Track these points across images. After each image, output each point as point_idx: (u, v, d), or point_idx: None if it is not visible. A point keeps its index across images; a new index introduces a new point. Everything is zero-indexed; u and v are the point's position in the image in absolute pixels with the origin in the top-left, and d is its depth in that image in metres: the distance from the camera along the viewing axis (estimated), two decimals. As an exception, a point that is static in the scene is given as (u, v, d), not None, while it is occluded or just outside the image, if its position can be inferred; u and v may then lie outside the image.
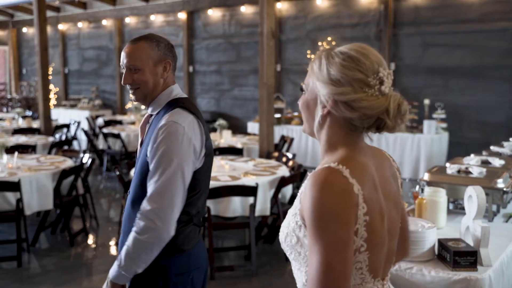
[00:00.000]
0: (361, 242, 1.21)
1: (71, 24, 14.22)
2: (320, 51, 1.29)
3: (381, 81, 1.22)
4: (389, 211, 1.31)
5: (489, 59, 8.14)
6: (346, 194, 1.17)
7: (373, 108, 1.20)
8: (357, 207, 1.18)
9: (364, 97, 1.20)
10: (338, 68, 1.21)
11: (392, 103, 1.21)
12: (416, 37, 8.78)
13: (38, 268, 4.65)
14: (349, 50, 1.24)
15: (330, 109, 1.24)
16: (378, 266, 1.27)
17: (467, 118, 8.41)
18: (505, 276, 2.37)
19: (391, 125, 1.22)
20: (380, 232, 1.25)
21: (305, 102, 1.32)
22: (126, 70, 1.94)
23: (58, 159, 5.69)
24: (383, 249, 1.28)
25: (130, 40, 1.98)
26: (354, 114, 1.21)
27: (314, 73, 1.27)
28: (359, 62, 1.21)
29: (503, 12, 7.99)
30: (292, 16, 10.24)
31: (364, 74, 1.20)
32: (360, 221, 1.19)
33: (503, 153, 4.17)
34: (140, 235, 1.79)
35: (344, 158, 1.23)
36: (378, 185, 1.27)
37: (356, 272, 1.24)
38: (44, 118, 8.54)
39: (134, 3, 12.28)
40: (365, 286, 1.26)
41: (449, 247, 2.23)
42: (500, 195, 2.87)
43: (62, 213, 5.27)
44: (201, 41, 11.62)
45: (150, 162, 1.84)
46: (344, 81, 1.20)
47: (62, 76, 14.60)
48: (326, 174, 1.19)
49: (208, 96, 11.64)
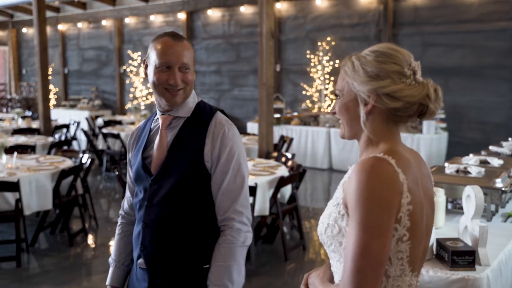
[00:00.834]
0: (404, 231, 1.23)
1: (70, 25, 14.23)
2: (347, 57, 1.35)
3: (414, 71, 1.30)
4: (427, 209, 1.33)
5: (489, 59, 8.14)
6: (392, 181, 1.21)
7: (414, 96, 1.26)
8: (401, 195, 1.21)
9: (404, 87, 1.26)
10: (374, 64, 1.28)
11: (431, 88, 1.29)
12: (416, 37, 8.78)
13: (38, 268, 4.65)
14: (379, 48, 1.31)
15: (375, 104, 1.29)
16: (417, 259, 1.29)
17: (466, 118, 8.41)
18: (503, 275, 2.37)
19: (433, 108, 1.30)
20: (421, 224, 1.27)
21: (343, 105, 1.36)
22: (173, 68, 1.77)
23: (58, 159, 5.69)
24: (422, 243, 1.30)
25: (171, 36, 1.81)
26: (398, 104, 1.27)
27: (349, 76, 1.32)
28: (392, 56, 1.29)
29: (502, 12, 7.99)
30: (292, 16, 10.24)
31: (399, 66, 1.28)
32: (403, 210, 1.22)
33: (502, 153, 4.17)
34: (244, 243, 1.80)
35: (389, 150, 1.28)
36: (419, 180, 1.30)
37: (398, 262, 1.25)
38: (43, 118, 8.54)
39: (134, 3, 12.28)
40: (404, 278, 1.28)
41: (447, 246, 2.23)
42: (498, 195, 2.86)
43: (62, 213, 5.27)
44: (200, 41, 11.62)
45: (216, 167, 1.80)
46: (383, 74, 1.27)
47: (62, 76, 14.61)
48: (373, 161, 1.23)
49: (208, 96, 11.64)
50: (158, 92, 1.82)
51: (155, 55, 1.78)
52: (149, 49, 1.84)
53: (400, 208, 1.21)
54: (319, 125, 9.01)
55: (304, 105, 9.93)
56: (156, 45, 1.80)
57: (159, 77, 1.78)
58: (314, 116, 9.15)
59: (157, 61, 1.78)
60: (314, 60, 9.84)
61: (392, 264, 1.25)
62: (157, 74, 1.78)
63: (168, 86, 1.78)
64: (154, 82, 1.79)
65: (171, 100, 1.81)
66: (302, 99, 10.19)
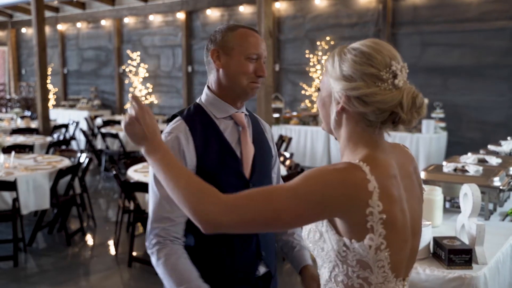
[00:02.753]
0: (381, 239, 1.18)
1: (70, 24, 14.22)
2: (334, 49, 1.31)
3: (395, 74, 1.21)
4: (413, 209, 1.28)
5: (488, 58, 8.13)
6: (354, 188, 1.16)
7: (386, 102, 1.19)
8: (366, 204, 1.16)
9: (377, 91, 1.19)
10: (350, 64, 1.22)
11: (405, 96, 1.19)
12: (415, 36, 8.76)
13: (35, 268, 4.63)
14: (361, 46, 1.24)
15: (344, 105, 1.24)
16: (400, 265, 1.25)
17: (466, 118, 8.39)
18: (500, 274, 2.36)
19: (406, 118, 1.20)
20: (402, 230, 1.22)
21: (321, 100, 1.33)
22: (259, 60, 1.68)
23: (55, 158, 5.68)
24: (406, 247, 1.26)
25: (252, 29, 1.71)
26: (368, 109, 1.20)
27: (328, 71, 1.28)
28: (370, 57, 1.21)
29: (501, 11, 7.97)
30: (291, 16, 10.23)
31: (376, 69, 1.20)
32: (374, 219, 1.17)
33: (500, 152, 4.16)
34: None
35: (365, 156, 1.22)
36: (400, 182, 1.25)
37: (379, 270, 1.21)
38: (42, 118, 8.53)
39: (133, 3, 12.27)
40: (387, 285, 1.24)
41: (444, 245, 2.21)
42: (496, 194, 2.85)
43: (59, 213, 5.26)
44: (199, 41, 11.60)
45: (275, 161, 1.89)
46: (356, 76, 1.21)
47: (61, 76, 14.60)
48: (346, 165, 1.19)
49: (207, 96, 11.62)
50: (239, 84, 1.67)
51: (244, 45, 1.66)
52: (224, 38, 1.67)
53: (367, 217, 1.17)
54: (318, 124, 8.99)
55: (303, 105, 9.92)
56: (241, 35, 1.67)
57: (248, 67, 1.66)
58: (313, 115, 9.14)
59: (247, 51, 1.65)
60: (313, 60, 9.82)
61: (373, 272, 1.21)
62: (245, 64, 1.66)
63: (253, 78, 1.67)
64: (240, 72, 1.66)
65: (253, 92, 1.70)
66: (301, 99, 10.18)
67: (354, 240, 1.19)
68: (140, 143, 1.34)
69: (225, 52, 1.66)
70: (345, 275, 1.24)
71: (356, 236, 1.19)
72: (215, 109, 1.72)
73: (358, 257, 1.21)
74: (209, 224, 1.18)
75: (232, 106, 1.73)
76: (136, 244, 5.03)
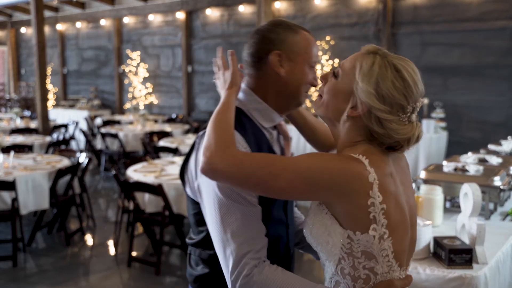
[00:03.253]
0: (383, 229, 1.23)
1: (69, 24, 14.20)
2: (374, 50, 1.28)
3: (414, 109, 1.27)
4: (409, 201, 1.33)
5: (488, 58, 8.12)
6: (354, 178, 1.21)
7: (398, 133, 1.24)
8: (368, 195, 1.20)
9: (395, 120, 1.24)
10: (389, 86, 1.23)
11: (415, 134, 1.27)
12: (415, 36, 8.75)
13: (34, 268, 4.62)
14: (403, 70, 1.25)
15: (362, 115, 1.26)
16: (403, 255, 1.29)
17: (466, 118, 8.38)
18: (501, 274, 2.35)
19: (405, 149, 1.30)
20: (402, 220, 1.27)
21: (336, 89, 1.32)
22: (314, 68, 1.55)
23: (55, 158, 5.67)
24: (406, 238, 1.30)
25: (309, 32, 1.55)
26: (381, 131, 1.25)
27: (362, 73, 1.26)
28: (409, 89, 1.24)
29: (502, 11, 7.96)
30: (291, 15, 10.22)
31: (407, 102, 1.24)
32: (376, 210, 1.21)
33: (501, 151, 4.15)
34: None
35: (364, 151, 1.26)
36: (396, 176, 1.30)
37: (383, 259, 1.25)
38: (42, 118, 8.52)
39: (133, 3, 12.26)
40: (392, 274, 1.27)
41: (444, 245, 2.20)
42: (497, 193, 2.84)
43: (59, 213, 5.25)
44: (199, 41, 11.60)
45: None
46: (388, 100, 1.23)
47: (61, 76, 14.58)
48: (347, 156, 1.25)
49: (207, 96, 11.62)
50: (299, 93, 1.53)
51: (309, 53, 1.50)
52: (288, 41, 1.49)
53: (369, 208, 1.21)
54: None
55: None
56: (306, 40, 1.51)
57: (309, 77, 1.51)
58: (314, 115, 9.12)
59: (311, 60, 1.51)
60: (313, 60, 9.80)
61: (378, 262, 1.25)
62: (307, 73, 1.51)
63: (308, 87, 1.54)
64: (303, 82, 1.51)
65: (303, 101, 1.58)
66: (301, 99, 10.16)
67: (358, 232, 1.23)
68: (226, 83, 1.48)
69: (289, 57, 1.48)
70: (351, 267, 1.26)
71: (360, 228, 1.23)
72: (262, 117, 1.53)
73: (363, 248, 1.24)
74: (209, 165, 1.25)
75: (279, 114, 1.57)
76: (136, 244, 5.02)
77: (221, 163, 1.24)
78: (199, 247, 1.53)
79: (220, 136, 1.28)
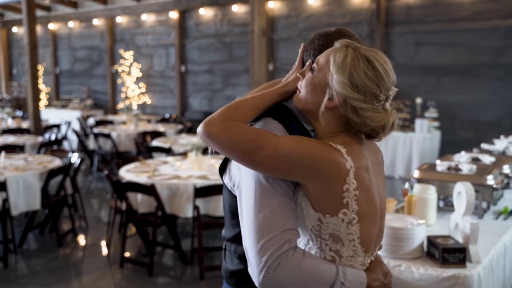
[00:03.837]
0: (353, 215, 1.29)
1: (62, 24, 14.12)
2: (346, 44, 1.34)
3: (388, 97, 1.33)
4: (380, 193, 1.40)
5: (481, 57, 8.14)
6: (333, 164, 1.27)
7: (374, 121, 1.31)
8: (344, 181, 1.27)
9: (370, 108, 1.31)
10: (361, 76, 1.29)
11: (390, 121, 1.34)
12: (408, 36, 8.76)
13: (26, 269, 4.58)
14: (374, 60, 1.31)
15: (338, 105, 1.32)
16: (369, 242, 1.36)
17: (459, 117, 8.40)
18: (494, 273, 2.34)
19: (382, 137, 1.38)
20: (372, 208, 1.34)
21: (313, 84, 1.37)
22: None
23: (46, 158, 5.62)
24: (375, 226, 1.37)
25: None
26: (357, 119, 1.32)
27: (335, 65, 1.31)
28: (380, 78, 1.30)
29: (494, 10, 7.99)
30: (284, 15, 10.21)
31: (379, 90, 1.30)
32: (350, 195, 1.28)
33: (494, 150, 4.15)
34: None
35: (343, 142, 1.33)
36: (371, 169, 1.37)
37: (349, 243, 1.32)
38: (33, 118, 8.47)
39: (126, 3, 12.21)
40: (356, 259, 1.34)
41: (438, 244, 2.19)
42: (490, 192, 2.84)
43: (50, 213, 5.20)
44: (193, 41, 11.56)
45: None
46: (361, 89, 1.29)
47: (53, 76, 14.50)
48: (326, 143, 1.32)
49: (201, 96, 11.59)
50: None
51: None
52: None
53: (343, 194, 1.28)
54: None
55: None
56: None
57: None
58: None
59: None
60: (307, 59, 9.80)
61: (344, 245, 1.31)
62: None
63: None
64: None
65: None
66: (294, 99, 10.15)
67: (328, 215, 1.29)
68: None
69: None
70: (318, 247, 1.33)
71: (330, 211, 1.29)
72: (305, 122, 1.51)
73: (331, 231, 1.30)
74: (205, 127, 1.33)
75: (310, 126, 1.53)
76: (128, 244, 4.99)
77: (216, 129, 1.31)
78: (234, 242, 1.53)
79: (229, 110, 1.35)
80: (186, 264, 4.56)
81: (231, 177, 1.50)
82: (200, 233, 4.18)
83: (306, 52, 1.53)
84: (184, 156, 5.53)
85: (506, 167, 3.22)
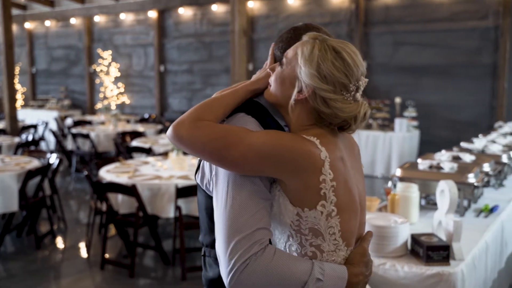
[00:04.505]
0: (332, 207, 1.28)
1: (38, 23, 13.89)
2: (313, 36, 1.34)
3: (358, 88, 1.32)
4: (358, 186, 1.39)
5: (459, 58, 8.26)
6: (307, 155, 1.26)
7: (344, 112, 1.30)
8: (320, 172, 1.26)
9: (340, 99, 1.30)
10: (329, 66, 1.28)
11: (361, 111, 1.32)
12: (387, 36, 8.85)
13: (3, 272, 4.49)
14: (342, 51, 1.31)
15: (308, 97, 1.31)
16: (350, 235, 1.34)
17: (437, 116, 8.51)
18: (477, 270, 2.37)
19: (354, 128, 1.36)
20: (351, 201, 1.33)
21: (282, 77, 1.37)
22: None
23: (24, 159, 5.52)
24: (355, 219, 1.36)
25: None
26: (327, 111, 1.30)
27: (303, 57, 1.31)
28: (349, 68, 1.29)
29: (472, 11, 8.12)
30: (264, 15, 10.21)
31: (348, 80, 1.30)
32: (327, 186, 1.27)
33: (473, 149, 4.21)
34: None
35: (316, 134, 1.32)
36: (347, 160, 1.36)
37: (330, 237, 1.30)
38: (10, 118, 8.31)
39: (104, 2, 12.07)
40: (338, 253, 1.32)
41: (422, 242, 2.21)
42: (471, 190, 2.87)
43: (28, 215, 5.11)
44: (172, 40, 11.49)
45: None
46: (330, 79, 1.29)
47: (30, 76, 14.25)
48: (299, 136, 1.30)
49: (180, 96, 11.52)
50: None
51: None
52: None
53: (320, 185, 1.27)
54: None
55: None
56: None
57: None
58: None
59: None
60: (287, 59, 9.81)
61: (325, 240, 1.30)
62: None
63: None
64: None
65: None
66: (275, 98, 10.15)
67: (306, 208, 1.27)
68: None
69: None
70: (298, 244, 1.31)
71: (308, 205, 1.27)
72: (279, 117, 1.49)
73: (311, 225, 1.28)
74: (175, 130, 1.31)
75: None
76: (109, 246, 4.92)
77: (186, 131, 1.30)
78: (214, 248, 1.40)
79: (199, 110, 1.34)
80: (167, 265, 4.52)
81: (204, 176, 1.45)
82: (182, 233, 4.15)
83: (276, 47, 1.54)
84: (165, 156, 5.48)
85: (486, 165, 3.26)
